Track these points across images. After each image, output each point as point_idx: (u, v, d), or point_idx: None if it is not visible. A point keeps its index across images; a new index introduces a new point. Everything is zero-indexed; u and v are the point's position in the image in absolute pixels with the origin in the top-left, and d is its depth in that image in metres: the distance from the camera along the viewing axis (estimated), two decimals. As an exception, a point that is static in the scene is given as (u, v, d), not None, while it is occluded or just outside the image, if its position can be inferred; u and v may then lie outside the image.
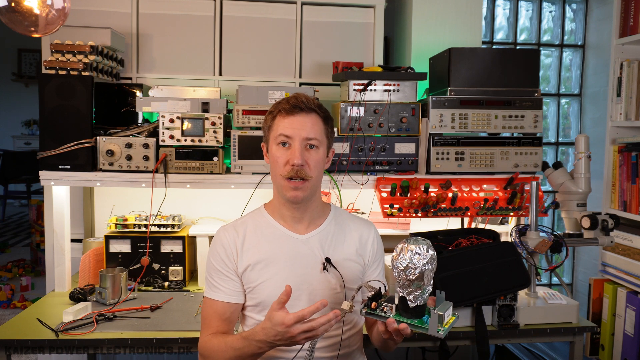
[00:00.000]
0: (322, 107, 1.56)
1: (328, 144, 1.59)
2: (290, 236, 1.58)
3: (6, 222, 7.08)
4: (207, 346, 1.51)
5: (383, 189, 2.27)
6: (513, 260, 2.02)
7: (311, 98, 1.54)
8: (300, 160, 1.48)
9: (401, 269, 1.25)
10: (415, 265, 1.24)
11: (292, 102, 1.51)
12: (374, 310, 1.32)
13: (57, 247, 2.30)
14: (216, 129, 2.24)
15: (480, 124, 2.30)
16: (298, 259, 1.56)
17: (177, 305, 2.19)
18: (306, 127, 1.50)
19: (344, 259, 1.59)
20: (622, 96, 2.57)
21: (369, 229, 1.68)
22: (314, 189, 1.56)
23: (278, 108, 1.53)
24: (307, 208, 1.58)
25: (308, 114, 1.51)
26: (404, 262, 1.24)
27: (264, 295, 1.53)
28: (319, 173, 1.55)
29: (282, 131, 1.51)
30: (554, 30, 3.64)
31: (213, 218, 2.66)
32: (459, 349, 2.56)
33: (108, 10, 2.60)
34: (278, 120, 1.53)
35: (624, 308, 2.45)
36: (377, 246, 1.68)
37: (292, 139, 1.50)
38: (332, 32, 2.74)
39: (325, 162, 1.59)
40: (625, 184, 2.53)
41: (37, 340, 1.85)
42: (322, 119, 1.55)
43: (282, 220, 1.60)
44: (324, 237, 1.60)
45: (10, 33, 2.02)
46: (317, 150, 1.53)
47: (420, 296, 1.26)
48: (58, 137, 2.16)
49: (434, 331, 1.24)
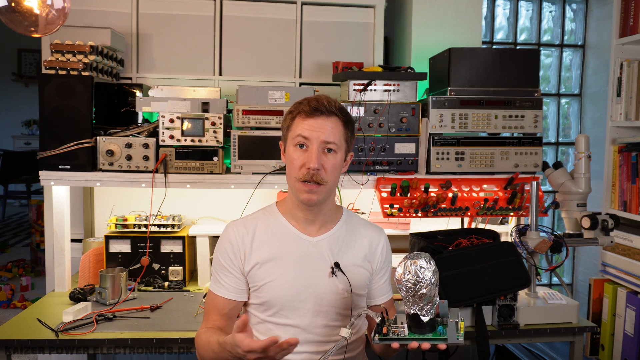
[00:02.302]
0: (343, 110, 1.53)
1: (347, 148, 1.56)
2: (301, 237, 1.57)
3: (6, 222, 7.07)
4: (198, 340, 1.51)
5: (383, 189, 2.27)
6: (513, 260, 2.02)
7: (333, 100, 1.51)
8: (317, 164, 1.46)
9: (410, 285, 1.25)
10: (423, 278, 1.25)
11: (313, 104, 1.48)
12: (387, 335, 1.31)
13: (57, 247, 2.30)
14: (216, 129, 2.24)
15: (480, 124, 2.30)
16: (307, 261, 1.54)
17: (177, 305, 2.19)
18: (325, 131, 1.47)
19: (353, 264, 1.58)
20: (622, 96, 2.57)
21: (379, 236, 1.67)
22: (329, 193, 1.54)
23: (298, 109, 1.51)
24: (320, 211, 1.56)
25: (328, 117, 1.49)
26: (411, 278, 1.25)
27: (269, 295, 1.52)
28: (335, 178, 1.52)
29: (301, 132, 1.48)
30: (554, 30, 3.64)
31: (213, 218, 2.67)
32: (459, 349, 2.56)
33: (108, 10, 2.60)
34: (297, 121, 1.50)
35: (624, 308, 2.45)
36: (386, 253, 1.67)
37: (310, 141, 1.48)
38: (332, 32, 2.74)
39: (342, 167, 1.56)
40: (625, 184, 2.53)
41: (37, 340, 1.85)
42: (343, 123, 1.52)
43: (293, 220, 1.58)
44: (334, 241, 1.58)
45: (10, 33, 2.02)
46: (335, 154, 1.50)
47: (432, 308, 1.27)
48: (58, 137, 2.16)
49: (453, 339, 1.25)
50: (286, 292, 1.52)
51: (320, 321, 1.53)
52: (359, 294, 1.59)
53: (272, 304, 1.52)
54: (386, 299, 1.67)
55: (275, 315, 1.53)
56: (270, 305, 1.53)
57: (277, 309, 1.52)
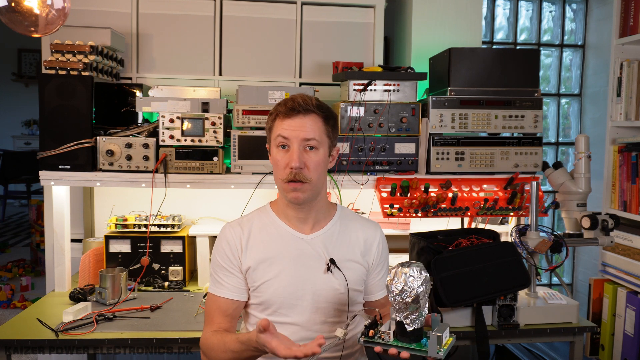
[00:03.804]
0: (322, 107, 1.54)
1: (330, 143, 1.57)
2: (295, 236, 1.58)
3: (6, 222, 7.07)
4: (207, 343, 1.51)
5: (383, 189, 2.27)
6: (513, 260, 2.02)
7: (309, 98, 1.52)
8: (298, 162, 1.47)
9: (397, 292, 1.26)
10: (410, 287, 1.25)
11: (289, 104, 1.50)
12: (372, 338, 1.32)
13: (57, 247, 2.30)
14: (216, 129, 2.24)
15: (480, 124, 2.30)
16: (302, 258, 1.55)
17: (177, 305, 2.19)
18: (305, 129, 1.49)
19: (348, 260, 1.59)
20: (622, 96, 2.57)
21: (374, 231, 1.67)
22: (316, 190, 1.54)
23: (277, 110, 1.53)
24: (311, 208, 1.57)
25: (306, 115, 1.50)
26: (399, 285, 1.26)
27: (267, 294, 1.53)
28: (319, 174, 1.53)
29: (280, 133, 1.50)
30: (554, 30, 3.64)
31: (213, 218, 2.67)
32: (459, 349, 2.56)
33: (108, 10, 2.60)
34: (277, 123, 1.52)
35: (624, 308, 2.45)
36: (382, 248, 1.67)
37: (290, 141, 1.49)
38: (332, 32, 2.74)
39: (327, 163, 1.57)
40: (625, 184, 2.53)
41: (37, 340, 1.85)
42: (322, 118, 1.53)
43: (287, 220, 1.59)
44: (328, 238, 1.59)
45: (10, 33, 2.02)
46: (317, 151, 1.51)
47: (417, 319, 1.28)
48: (58, 137, 2.16)
49: (433, 353, 1.25)
50: (284, 290, 1.52)
51: (318, 318, 1.54)
52: (356, 290, 1.59)
53: (271, 303, 1.53)
54: (383, 294, 1.67)
55: (274, 314, 1.53)
56: (269, 304, 1.53)
57: (275, 307, 1.53)
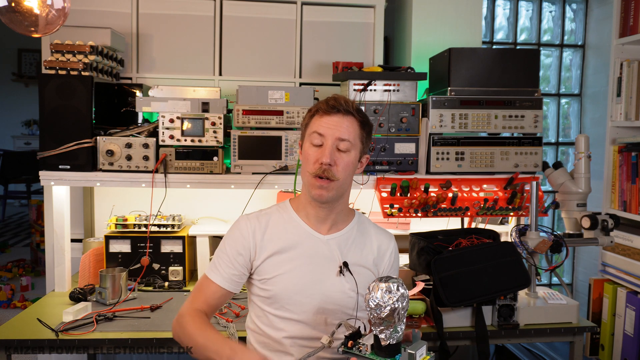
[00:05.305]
0: (361, 112, 1.57)
1: (362, 149, 1.59)
2: (312, 234, 1.59)
3: (6, 222, 7.07)
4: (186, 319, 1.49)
5: (383, 189, 2.27)
6: (513, 260, 2.02)
7: (351, 101, 1.55)
8: (329, 159, 1.49)
9: (372, 307, 1.26)
10: (385, 303, 1.25)
11: (331, 102, 1.53)
12: (350, 349, 1.33)
13: (57, 247, 2.30)
14: (216, 129, 2.24)
15: (480, 124, 2.30)
16: (316, 258, 1.57)
17: (177, 305, 2.18)
18: (341, 128, 1.51)
19: (360, 265, 1.60)
20: (622, 96, 2.57)
21: (389, 241, 1.69)
22: (341, 191, 1.56)
23: (317, 107, 1.56)
24: (332, 209, 1.59)
25: (345, 116, 1.52)
26: (375, 300, 1.26)
27: (277, 288, 1.53)
28: (347, 176, 1.55)
29: (317, 129, 1.52)
30: (554, 30, 3.64)
31: (213, 218, 2.67)
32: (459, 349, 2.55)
33: (108, 10, 2.60)
34: (315, 119, 1.54)
35: (624, 308, 2.45)
36: (394, 259, 1.69)
37: (325, 138, 1.51)
38: (332, 32, 2.74)
39: (355, 167, 1.58)
40: (625, 184, 2.53)
41: (37, 340, 1.85)
42: (359, 123, 1.55)
43: (306, 218, 1.61)
44: (343, 241, 1.61)
45: (10, 33, 2.02)
46: (349, 153, 1.53)
47: (393, 334, 1.26)
48: (58, 137, 2.16)
49: None
50: (294, 286, 1.53)
51: (324, 318, 1.55)
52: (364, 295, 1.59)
53: (279, 297, 1.54)
54: None
55: (281, 309, 1.54)
56: (277, 298, 1.54)
57: (283, 302, 1.54)
